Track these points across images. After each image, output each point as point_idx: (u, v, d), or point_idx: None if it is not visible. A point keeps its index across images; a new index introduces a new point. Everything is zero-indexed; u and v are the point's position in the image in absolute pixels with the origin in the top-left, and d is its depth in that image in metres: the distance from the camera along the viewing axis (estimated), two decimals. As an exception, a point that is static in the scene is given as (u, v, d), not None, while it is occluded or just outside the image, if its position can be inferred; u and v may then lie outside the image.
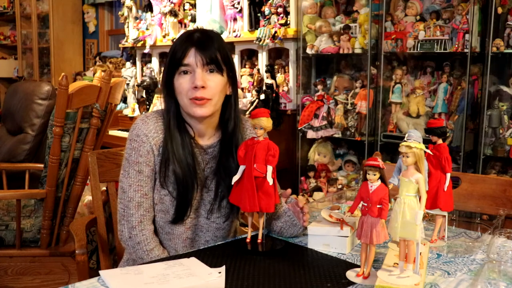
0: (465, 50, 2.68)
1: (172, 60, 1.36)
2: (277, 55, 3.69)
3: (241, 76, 3.79)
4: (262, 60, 3.59)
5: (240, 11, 3.64)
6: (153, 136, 1.38)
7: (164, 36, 4.24)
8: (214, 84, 1.35)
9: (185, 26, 4.18)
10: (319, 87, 3.35)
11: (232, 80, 1.42)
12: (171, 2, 4.17)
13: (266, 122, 1.27)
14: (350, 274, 1.15)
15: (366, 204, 1.10)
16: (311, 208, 1.59)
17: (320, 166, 3.37)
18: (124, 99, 4.73)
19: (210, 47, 1.35)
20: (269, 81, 3.42)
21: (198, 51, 1.34)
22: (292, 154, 3.46)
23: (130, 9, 4.65)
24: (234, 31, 3.69)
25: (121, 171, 1.41)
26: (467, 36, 2.67)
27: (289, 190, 1.48)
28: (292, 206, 1.43)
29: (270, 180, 1.26)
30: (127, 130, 4.05)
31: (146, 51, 4.46)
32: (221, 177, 1.42)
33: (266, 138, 1.31)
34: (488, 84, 2.62)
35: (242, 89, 3.74)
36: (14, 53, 6.79)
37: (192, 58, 1.34)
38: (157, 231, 1.45)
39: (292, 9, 3.34)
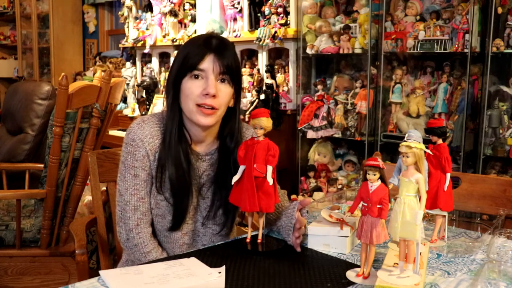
0: (465, 50, 2.67)
1: (185, 62, 1.32)
2: (277, 55, 3.69)
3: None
4: (262, 60, 3.59)
5: (240, 11, 3.64)
6: (148, 141, 1.36)
7: (164, 36, 4.24)
8: (224, 94, 1.33)
9: (185, 26, 4.18)
10: (319, 87, 3.35)
11: (237, 93, 1.39)
12: (171, 2, 4.17)
13: (266, 122, 1.27)
14: (350, 274, 1.15)
15: (366, 204, 1.10)
16: (311, 208, 1.59)
17: (320, 166, 3.37)
18: (124, 99, 4.73)
19: (228, 57, 1.33)
20: (269, 81, 3.42)
21: (216, 58, 1.31)
22: (292, 154, 3.46)
23: (130, 9, 4.65)
24: (234, 31, 3.69)
25: (118, 174, 1.40)
26: (467, 36, 2.67)
27: (308, 200, 1.44)
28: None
29: (270, 180, 1.26)
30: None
31: (146, 51, 4.46)
32: (218, 187, 1.41)
33: (266, 138, 1.31)
34: (488, 84, 2.62)
35: (242, 89, 3.74)
36: (14, 53, 6.79)
37: (209, 64, 1.31)
38: (155, 234, 1.44)
39: (292, 9, 3.34)
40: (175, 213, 1.38)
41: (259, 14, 3.53)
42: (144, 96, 4.47)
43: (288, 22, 3.37)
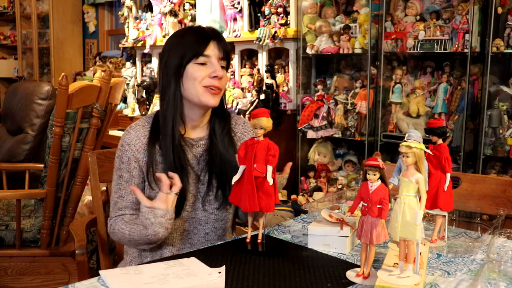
0: (465, 50, 2.67)
1: (188, 51, 1.41)
2: (277, 55, 3.69)
3: (241, 76, 3.79)
4: (262, 60, 3.59)
5: (240, 11, 3.64)
6: (135, 143, 1.45)
7: (164, 36, 4.24)
8: (225, 77, 1.46)
9: (185, 26, 4.18)
10: (319, 87, 3.35)
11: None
12: (171, 2, 4.17)
13: (266, 122, 1.27)
14: (350, 274, 1.15)
15: (366, 204, 1.10)
16: (311, 208, 1.59)
17: (320, 166, 3.37)
18: (124, 99, 4.73)
19: (225, 43, 1.47)
20: (269, 81, 3.42)
21: (217, 44, 1.43)
22: (292, 154, 3.46)
23: (130, 9, 4.65)
24: (234, 31, 3.69)
25: None
26: (467, 36, 2.67)
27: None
28: None
29: (270, 180, 1.26)
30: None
31: (146, 51, 4.46)
32: (215, 167, 1.47)
33: (266, 138, 1.31)
34: (488, 84, 2.62)
35: (242, 89, 3.74)
36: (14, 53, 6.78)
37: (213, 49, 1.42)
38: None
39: (292, 9, 3.34)
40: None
41: (259, 14, 3.53)
42: (144, 96, 4.47)
43: (288, 22, 3.37)
